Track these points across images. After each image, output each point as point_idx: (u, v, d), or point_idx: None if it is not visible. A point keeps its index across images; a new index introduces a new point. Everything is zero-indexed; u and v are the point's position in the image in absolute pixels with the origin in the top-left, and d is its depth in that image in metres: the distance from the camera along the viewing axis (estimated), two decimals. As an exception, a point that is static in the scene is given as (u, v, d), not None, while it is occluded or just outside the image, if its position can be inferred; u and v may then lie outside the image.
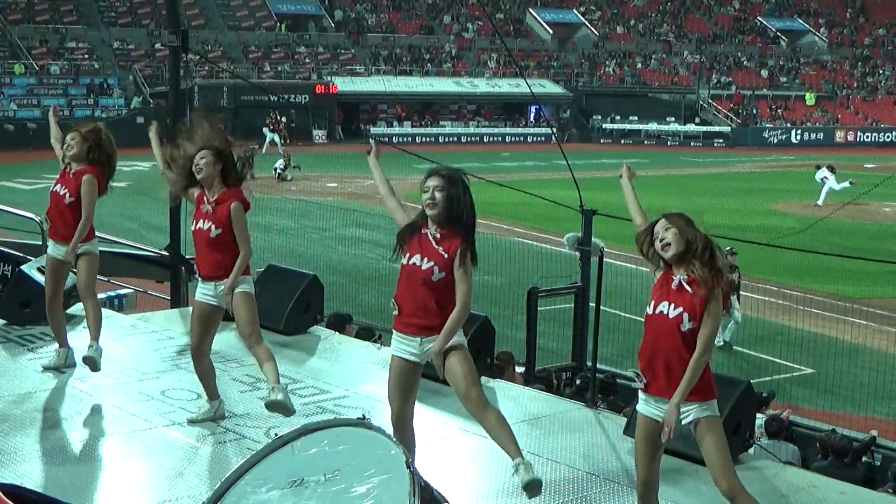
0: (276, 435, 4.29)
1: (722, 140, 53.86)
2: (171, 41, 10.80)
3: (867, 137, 56.26)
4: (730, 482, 4.88)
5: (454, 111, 54.19)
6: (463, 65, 56.05)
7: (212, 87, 45.96)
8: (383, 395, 7.74)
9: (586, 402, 8.05)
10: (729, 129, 55.06)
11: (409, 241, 5.27)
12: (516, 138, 52.12)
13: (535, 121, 53.63)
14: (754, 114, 56.96)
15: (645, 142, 52.60)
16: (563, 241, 10.82)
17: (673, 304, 4.83)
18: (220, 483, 4.12)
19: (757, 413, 8.62)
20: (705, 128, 55.14)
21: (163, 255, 11.39)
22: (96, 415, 7.17)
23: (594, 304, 8.75)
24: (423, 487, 3.81)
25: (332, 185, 31.73)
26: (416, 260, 5.20)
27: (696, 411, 4.88)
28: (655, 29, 63.66)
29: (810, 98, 58.70)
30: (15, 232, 13.70)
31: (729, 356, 15.36)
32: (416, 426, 5.54)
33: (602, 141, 52.27)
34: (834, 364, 13.61)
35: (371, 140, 5.86)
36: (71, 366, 7.91)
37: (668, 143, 52.94)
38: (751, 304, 16.31)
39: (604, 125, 54.06)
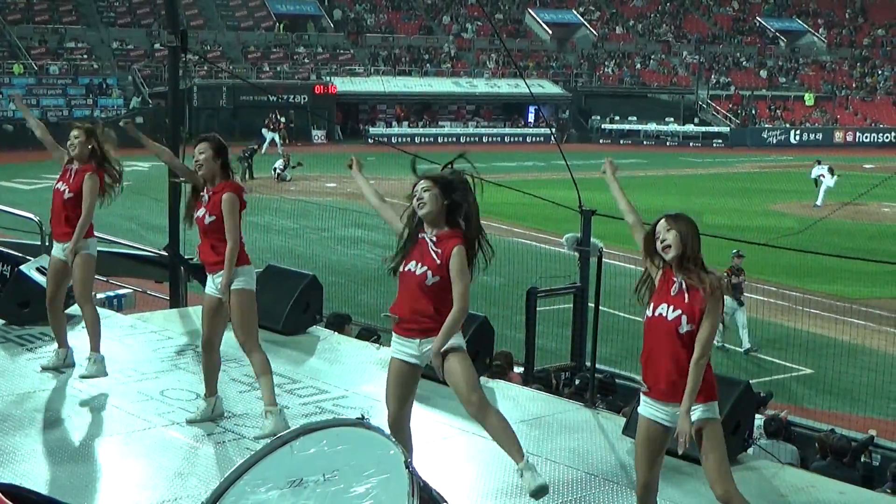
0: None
1: (721, 140, 53.87)
2: (170, 41, 10.80)
3: (866, 138, 56.29)
4: (725, 488, 4.85)
5: (453, 111, 54.19)
6: (462, 65, 56.04)
7: (211, 88, 45.96)
8: (382, 395, 7.74)
9: (585, 402, 8.06)
10: (728, 129, 55.08)
11: (410, 249, 5.29)
12: (515, 139, 52.12)
13: (535, 121, 53.62)
14: (753, 114, 56.98)
15: (644, 142, 52.61)
16: (562, 241, 10.82)
17: (672, 307, 4.82)
18: (219, 483, 4.12)
19: (755, 413, 8.63)
20: (704, 128, 55.16)
21: (162, 255, 11.39)
22: (95, 415, 7.17)
23: (593, 305, 8.75)
24: (422, 487, 3.81)
25: (331, 186, 31.73)
26: (412, 266, 5.23)
27: (696, 413, 4.86)
28: (654, 29, 63.67)
29: (809, 98, 58.73)
30: (14, 232, 13.70)
31: (727, 356, 15.36)
32: (415, 426, 5.54)
33: (601, 141, 52.26)
34: (833, 364, 13.62)
35: (352, 156, 5.85)
36: (70, 366, 7.92)
37: (667, 143, 52.95)
38: (750, 305, 16.31)
39: (603, 125, 54.07)
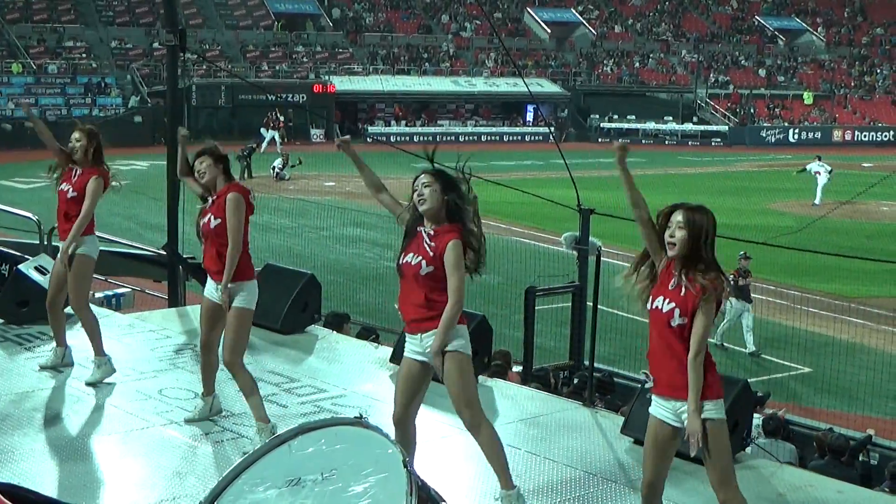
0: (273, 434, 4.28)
1: (719, 139, 53.88)
2: (168, 40, 10.79)
3: (865, 137, 56.29)
4: (727, 495, 4.79)
5: (452, 110, 54.18)
6: (461, 64, 56.03)
7: (209, 87, 45.94)
8: (381, 394, 7.75)
9: (584, 401, 8.06)
10: (726, 128, 55.09)
11: (408, 243, 5.32)
12: (514, 137, 52.11)
13: (533, 120, 53.61)
14: (752, 113, 56.98)
15: (643, 141, 52.55)
16: (560, 240, 10.83)
17: (667, 300, 4.79)
18: (217, 482, 4.12)
19: (754, 412, 8.64)
20: (703, 127, 55.16)
21: (160, 254, 11.39)
22: (94, 414, 7.17)
23: (591, 304, 8.76)
24: (421, 486, 3.81)
25: (329, 185, 31.72)
26: (409, 258, 5.26)
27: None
28: (653, 28, 63.68)
29: (808, 97, 58.74)
30: (13, 231, 13.70)
31: (726, 355, 15.36)
32: (415, 429, 5.54)
33: (600, 140, 52.15)
34: (831, 363, 13.63)
35: (336, 136, 5.80)
36: (68, 365, 7.92)
37: (666, 142, 52.94)
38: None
39: (601, 124, 54.03)
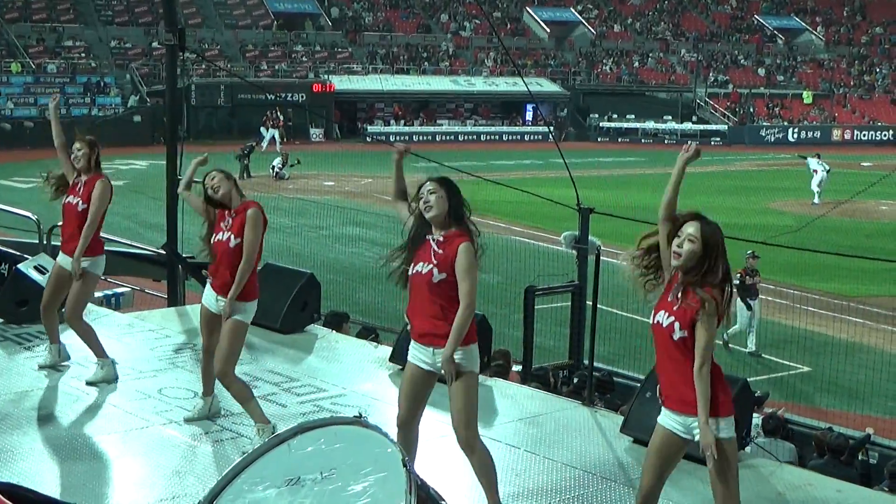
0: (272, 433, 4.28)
1: (719, 138, 53.86)
2: (168, 40, 10.78)
3: (864, 136, 56.28)
4: None
5: (451, 110, 54.18)
6: (460, 63, 56.02)
7: (209, 86, 45.93)
8: (380, 393, 7.75)
9: (583, 400, 8.06)
10: (726, 127, 55.08)
11: (415, 251, 5.29)
12: (513, 137, 52.10)
13: (533, 119, 53.62)
14: (751, 112, 56.98)
15: (642, 140, 52.60)
16: (560, 239, 10.82)
17: (666, 313, 4.72)
18: (216, 481, 4.12)
19: (753, 412, 8.63)
20: (702, 126, 55.13)
21: (160, 253, 11.39)
22: (93, 413, 7.18)
23: (591, 303, 8.75)
24: (420, 486, 3.81)
25: (329, 184, 31.73)
26: (420, 267, 5.23)
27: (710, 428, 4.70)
28: (652, 27, 63.68)
29: (807, 96, 58.73)
30: (12, 231, 13.70)
31: (724, 354, 15.37)
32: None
33: (599, 139, 52.29)
34: (830, 362, 13.63)
35: (398, 142, 5.69)
36: (66, 360, 7.95)
37: (666, 141, 52.88)
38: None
39: (601, 124, 54.05)
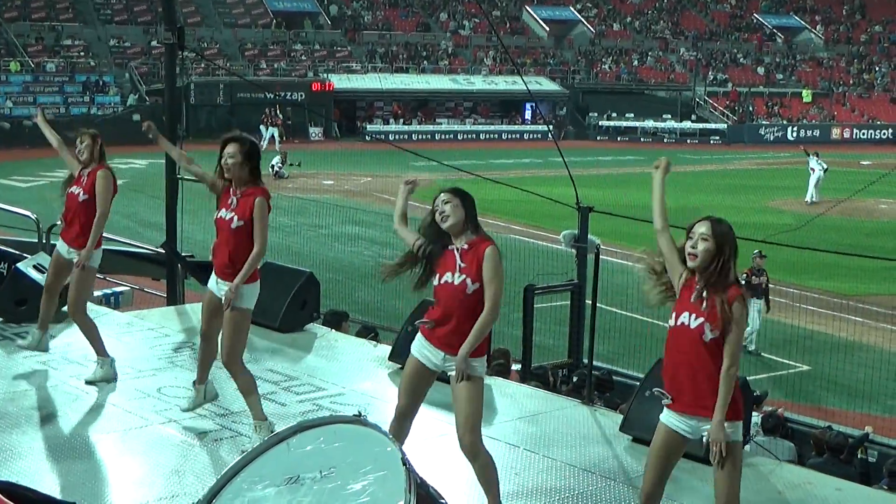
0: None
1: (718, 137, 53.87)
2: (167, 38, 10.78)
3: (863, 134, 56.29)
4: None
5: (450, 108, 54.18)
6: (459, 62, 56.01)
7: (208, 85, 45.90)
8: (380, 392, 7.75)
9: (583, 399, 8.06)
10: (725, 126, 55.08)
11: (437, 261, 5.26)
12: (513, 135, 52.07)
13: (532, 118, 53.63)
14: (751, 111, 56.99)
15: (641, 139, 52.60)
16: (559, 238, 10.82)
17: (693, 315, 4.68)
18: (215, 480, 4.12)
19: (753, 410, 8.64)
20: (702, 125, 55.15)
21: (159, 252, 11.39)
22: (92, 412, 7.17)
23: (590, 302, 8.76)
24: (420, 484, 3.81)
25: (328, 183, 31.72)
26: (448, 277, 5.19)
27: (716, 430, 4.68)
28: (652, 26, 63.67)
29: (807, 95, 58.74)
30: (11, 230, 13.69)
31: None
32: (413, 423, 5.55)
33: (598, 138, 52.28)
34: (830, 361, 13.64)
35: (411, 178, 5.66)
36: (43, 350, 7.98)
37: (665, 140, 52.93)
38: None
39: (600, 122, 54.06)
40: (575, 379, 10.25)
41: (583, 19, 61.80)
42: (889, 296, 17.88)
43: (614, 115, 54.56)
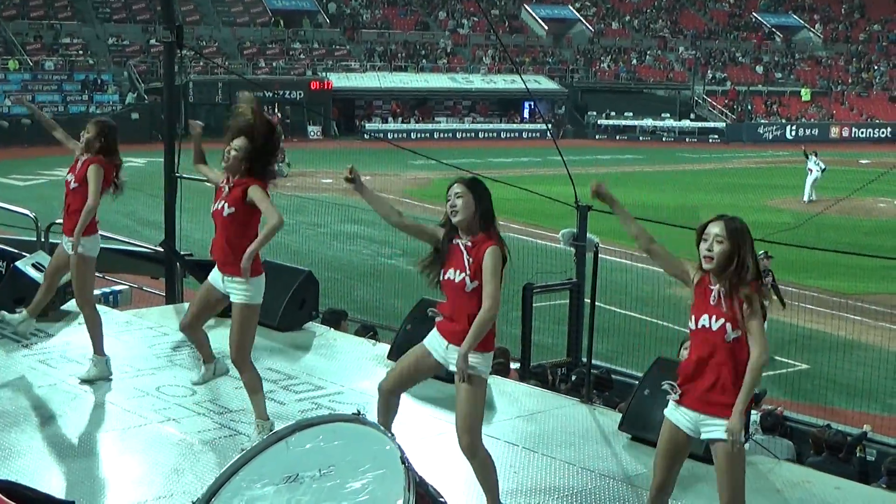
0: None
1: (717, 136, 53.91)
2: (165, 37, 10.76)
3: (862, 133, 56.34)
4: None
5: (449, 107, 54.19)
6: (458, 61, 56.01)
7: (206, 83, 45.87)
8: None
9: (581, 397, 8.06)
10: (724, 124, 55.12)
11: (446, 257, 5.25)
12: (511, 134, 52.10)
13: (530, 117, 53.63)
14: (749, 110, 57.00)
15: (640, 138, 52.63)
16: (558, 236, 10.81)
17: (714, 316, 4.64)
18: (214, 479, 4.12)
19: (751, 409, 8.62)
20: (700, 124, 55.19)
21: (158, 251, 11.38)
22: (91, 411, 7.16)
23: (589, 300, 8.75)
24: (418, 483, 3.81)
25: (327, 181, 31.69)
26: (451, 274, 5.19)
27: (719, 431, 4.66)
28: (650, 25, 63.67)
29: (805, 94, 58.76)
30: (10, 228, 13.67)
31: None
32: (412, 422, 5.56)
33: (597, 137, 52.31)
34: (828, 359, 13.63)
35: (347, 170, 5.35)
36: (24, 336, 8.03)
37: (664, 139, 52.96)
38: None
39: (599, 121, 54.10)
40: (574, 377, 10.24)
41: (581, 18, 61.80)
42: (888, 294, 17.88)
43: (613, 113, 54.59)
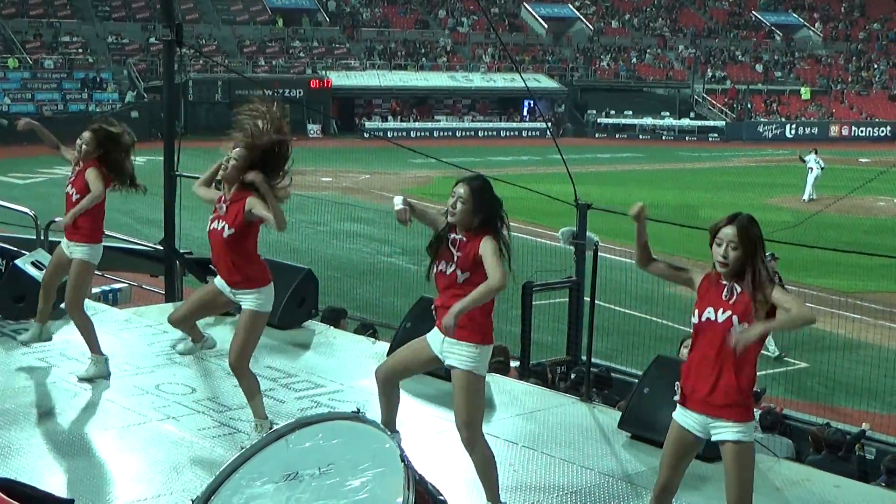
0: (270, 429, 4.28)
1: (716, 134, 53.90)
2: (165, 35, 10.75)
3: (861, 132, 56.31)
4: None
5: (449, 106, 54.19)
6: (458, 59, 56.00)
7: (206, 82, 45.87)
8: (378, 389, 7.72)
9: (581, 396, 8.06)
10: (723, 123, 55.12)
11: (439, 251, 5.25)
12: (511, 133, 52.11)
13: (530, 115, 53.63)
14: (749, 108, 57.00)
15: (640, 136, 52.64)
16: (557, 235, 10.81)
17: (721, 309, 4.59)
18: (214, 477, 4.11)
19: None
20: (700, 122, 55.19)
21: (157, 249, 11.38)
22: (90, 409, 7.16)
23: (589, 299, 8.75)
24: (418, 481, 3.81)
25: (326, 180, 31.70)
26: (442, 266, 5.20)
27: (729, 432, 4.63)
28: (650, 23, 63.66)
29: (805, 92, 58.75)
30: (9, 227, 13.66)
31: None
32: (411, 420, 5.55)
33: (597, 136, 52.32)
34: (828, 358, 13.63)
35: (399, 203, 5.20)
36: (46, 340, 8.04)
37: (663, 137, 52.97)
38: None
39: (599, 120, 54.10)
40: (573, 376, 10.24)
41: (581, 17, 61.79)
42: (887, 293, 17.88)
43: (613, 112, 54.59)
